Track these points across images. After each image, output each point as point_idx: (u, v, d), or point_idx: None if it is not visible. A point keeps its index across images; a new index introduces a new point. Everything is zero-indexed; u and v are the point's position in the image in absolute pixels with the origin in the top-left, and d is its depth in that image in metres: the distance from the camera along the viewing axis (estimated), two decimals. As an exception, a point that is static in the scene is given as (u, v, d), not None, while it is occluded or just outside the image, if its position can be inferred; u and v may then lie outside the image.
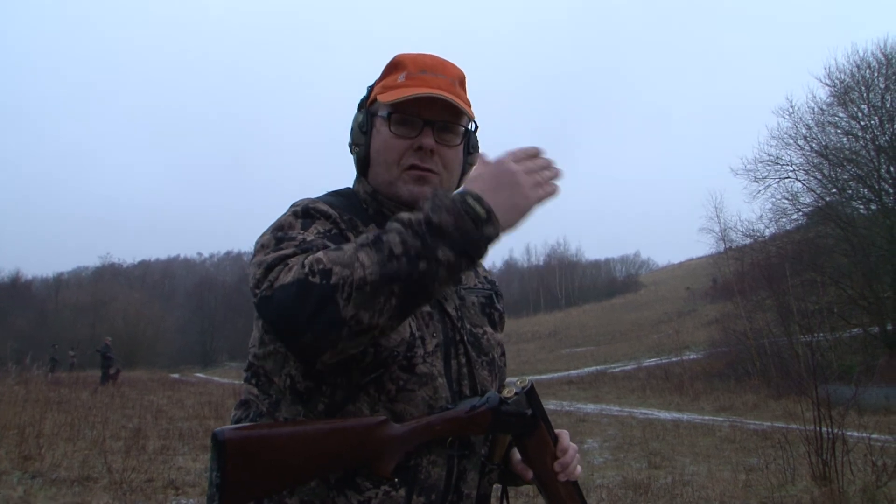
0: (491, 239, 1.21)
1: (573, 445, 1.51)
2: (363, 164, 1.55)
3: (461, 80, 1.57)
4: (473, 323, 1.55)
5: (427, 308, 1.44)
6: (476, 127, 1.60)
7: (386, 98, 1.47)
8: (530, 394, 1.43)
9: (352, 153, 1.58)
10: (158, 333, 63.94)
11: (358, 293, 1.12)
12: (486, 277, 1.72)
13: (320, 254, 1.16)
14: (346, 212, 1.45)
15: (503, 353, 1.63)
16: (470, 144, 1.58)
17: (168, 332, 67.56)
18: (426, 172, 1.49)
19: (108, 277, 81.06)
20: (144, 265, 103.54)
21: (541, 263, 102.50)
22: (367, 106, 1.56)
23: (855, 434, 8.01)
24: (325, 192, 1.57)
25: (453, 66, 1.57)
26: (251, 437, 1.20)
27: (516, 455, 1.55)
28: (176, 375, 37.66)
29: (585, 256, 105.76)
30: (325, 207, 1.40)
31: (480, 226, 1.20)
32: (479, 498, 1.49)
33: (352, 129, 1.56)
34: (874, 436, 8.21)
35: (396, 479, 1.31)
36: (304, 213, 1.38)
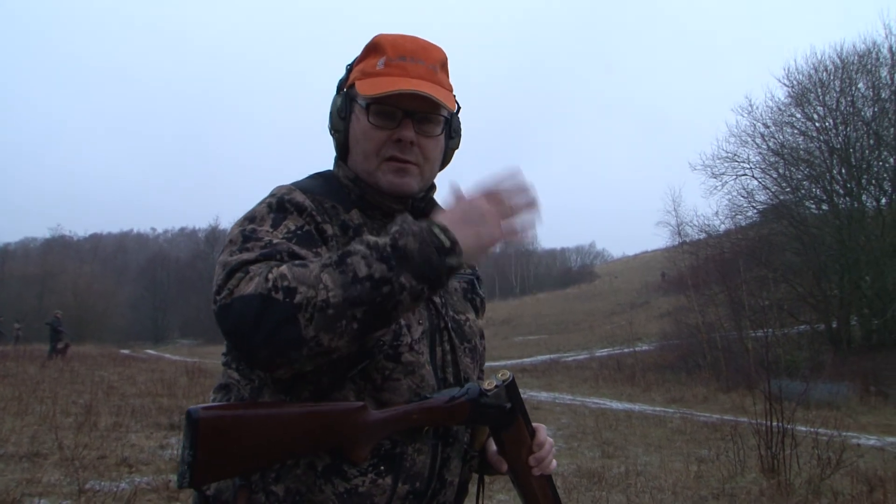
0: (453, 269, 1.22)
1: (550, 440, 1.51)
2: (343, 150, 1.53)
3: (443, 64, 1.54)
4: (456, 309, 1.55)
5: None
6: (458, 108, 1.58)
7: (364, 90, 1.44)
8: (510, 387, 1.43)
9: (331, 136, 1.55)
10: (109, 308, 62.80)
11: (320, 315, 1.11)
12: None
13: (285, 268, 1.14)
14: (327, 197, 1.42)
15: (482, 339, 1.63)
16: (451, 130, 1.56)
17: (119, 307, 66.40)
18: (406, 164, 1.47)
19: (58, 250, 79.14)
20: (96, 238, 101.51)
21: (497, 250, 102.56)
22: (346, 88, 1.51)
23: (802, 428, 8.21)
24: (307, 175, 1.54)
25: (435, 48, 1.53)
26: (225, 416, 1.20)
27: (492, 446, 1.55)
28: (126, 351, 37.00)
29: (542, 245, 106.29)
30: (301, 199, 1.36)
31: (444, 255, 1.20)
32: (460, 484, 1.51)
33: (330, 114, 1.53)
34: (819, 430, 8.41)
35: (383, 467, 1.31)
36: (279, 205, 1.34)
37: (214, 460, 1.17)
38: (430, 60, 1.50)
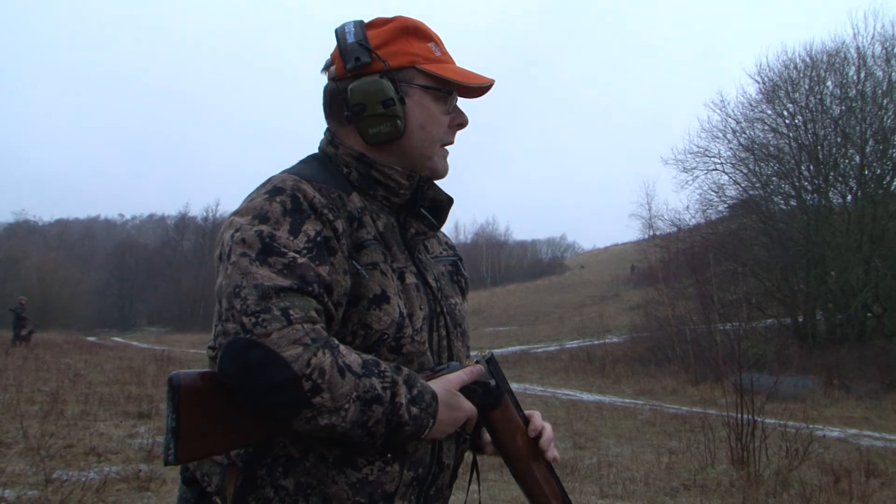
0: (411, 439, 1.31)
1: (548, 425, 1.50)
2: (388, 137, 1.43)
3: None
4: (446, 294, 1.54)
5: (413, 280, 1.42)
6: None
7: (448, 74, 1.46)
8: (491, 362, 1.42)
9: (360, 123, 1.43)
10: (75, 295, 61.79)
11: (321, 426, 1.16)
12: (447, 243, 1.70)
13: (329, 361, 1.15)
14: (331, 186, 1.38)
15: (467, 323, 1.63)
16: None
17: (85, 294, 65.34)
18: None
19: (22, 234, 77.78)
20: (62, 224, 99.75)
21: (468, 241, 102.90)
22: (387, 72, 1.42)
23: (770, 421, 8.32)
24: (300, 161, 1.49)
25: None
26: (207, 381, 1.19)
27: (486, 437, 1.54)
28: (93, 339, 36.57)
29: (513, 237, 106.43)
30: (312, 195, 1.30)
31: (418, 436, 1.28)
32: (454, 468, 1.51)
33: (377, 99, 1.40)
34: (785, 422, 8.55)
35: (390, 455, 1.32)
36: (294, 205, 1.28)
37: (198, 427, 1.16)
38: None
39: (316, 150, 1.55)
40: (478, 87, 1.49)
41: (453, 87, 1.47)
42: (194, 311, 62.64)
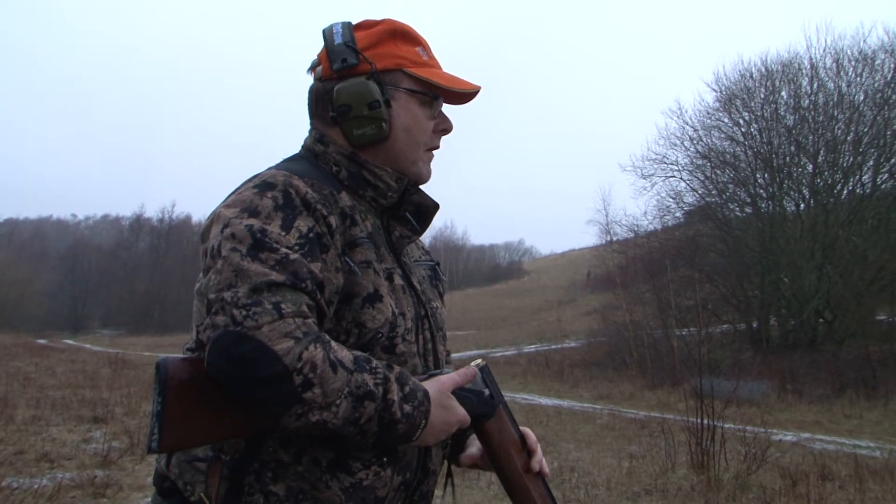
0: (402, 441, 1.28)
1: (538, 443, 1.50)
2: (372, 140, 1.43)
3: None
4: (428, 297, 1.54)
5: (400, 282, 1.41)
6: None
7: (433, 77, 1.45)
8: (485, 371, 1.41)
9: (345, 124, 1.42)
10: (25, 296, 60.33)
11: (311, 422, 1.13)
12: (424, 248, 1.71)
13: (321, 355, 1.12)
14: (323, 183, 1.36)
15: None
16: None
17: (36, 295, 63.83)
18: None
19: (-31, 234, 76.03)
20: (11, 223, 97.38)
21: (426, 245, 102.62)
22: (374, 74, 1.42)
23: (729, 425, 8.43)
24: (287, 158, 1.47)
25: None
26: (196, 368, 1.17)
27: (470, 446, 1.53)
28: (43, 341, 35.71)
29: (471, 241, 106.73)
30: (304, 190, 1.28)
31: (410, 437, 1.25)
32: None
33: (363, 101, 1.40)
34: (743, 427, 8.67)
35: (385, 458, 1.31)
36: (286, 200, 1.25)
37: (183, 411, 1.14)
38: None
39: (298, 150, 1.53)
40: (464, 93, 1.49)
41: (440, 92, 1.47)
42: (149, 313, 61.70)
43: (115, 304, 67.12)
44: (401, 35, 1.47)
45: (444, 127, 1.51)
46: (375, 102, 1.40)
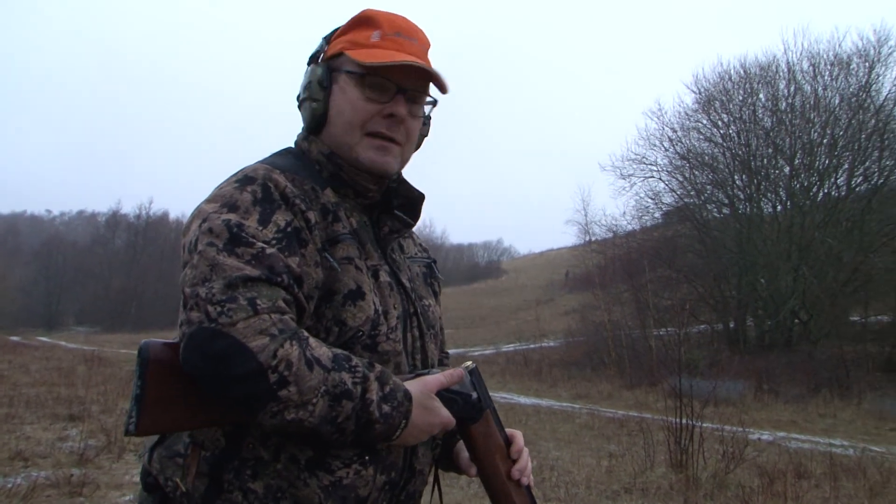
0: (382, 441, 1.27)
1: (525, 448, 1.48)
2: (318, 122, 1.44)
3: (428, 49, 1.50)
4: (419, 295, 1.52)
5: (386, 278, 1.40)
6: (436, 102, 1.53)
7: (363, 57, 1.37)
8: (474, 373, 1.38)
9: (301, 109, 1.47)
10: (-2, 292, 59.74)
11: (287, 420, 1.13)
12: (421, 245, 1.69)
13: (296, 353, 1.11)
14: (305, 178, 1.35)
15: (442, 328, 1.62)
16: (426, 115, 1.54)
17: (9, 292, 62.98)
18: (389, 143, 1.42)
19: (-58, 229, 74.87)
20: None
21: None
22: (327, 59, 1.45)
23: (707, 425, 8.48)
24: (273, 153, 1.45)
25: (422, 32, 1.50)
26: (176, 352, 1.17)
27: (463, 451, 1.51)
28: (17, 338, 35.24)
29: (450, 240, 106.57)
30: (283, 184, 1.28)
31: (389, 436, 1.23)
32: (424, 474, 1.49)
33: (308, 83, 1.44)
34: (719, 426, 8.74)
35: (367, 457, 1.29)
36: (265, 194, 1.25)
37: (162, 395, 1.14)
38: (421, 41, 1.47)
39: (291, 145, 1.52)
40: (399, 68, 1.39)
41: (366, 70, 1.39)
42: (125, 310, 60.98)
43: (90, 300, 66.29)
44: (364, 21, 1.45)
45: (390, 111, 1.41)
46: (310, 83, 1.43)
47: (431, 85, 1.48)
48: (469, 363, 1.41)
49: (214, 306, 1.09)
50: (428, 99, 1.50)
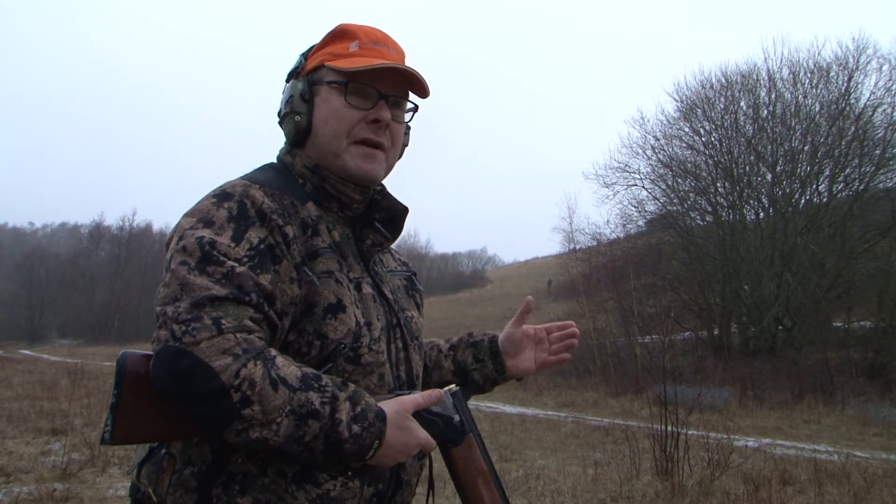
0: (354, 460, 1.26)
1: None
2: (301, 136, 1.45)
3: (404, 59, 1.53)
4: (402, 306, 1.54)
5: (369, 290, 1.41)
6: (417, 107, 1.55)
7: (345, 65, 1.40)
8: (456, 396, 1.38)
9: (282, 125, 1.49)
10: (-22, 305, 59.13)
11: (252, 438, 1.14)
12: (401, 259, 1.72)
13: (260, 372, 1.13)
14: (285, 193, 1.36)
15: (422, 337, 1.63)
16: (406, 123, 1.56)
17: (-10, 305, 62.56)
18: (375, 149, 1.44)
19: (-78, 242, 74.06)
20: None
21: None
22: (307, 74, 1.47)
23: (692, 432, 8.51)
24: (256, 168, 1.46)
25: (398, 42, 1.52)
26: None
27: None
28: (-1, 352, 34.92)
29: (434, 249, 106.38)
30: (261, 200, 1.29)
31: (361, 456, 1.23)
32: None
33: (289, 98, 1.46)
34: (704, 433, 8.77)
35: (350, 471, 1.30)
36: (240, 211, 1.26)
37: (137, 405, 1.16)
38: (398, 51, 1.50)
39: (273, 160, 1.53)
40: (381, 74, 1.42)
41: (346, 77, 1.42)
42: (109, 323, 60.52)
43: (73, 313, 65.75)
44: (341, 34, 1.47)
45: (375, 117, 1.43)
46: (291, 98, 1.45)
47: (411, 93, 1.50)
48: (452, 386, 1.40)
49: (180, 325, 1.12)
50: (409, 105, 1.52)
